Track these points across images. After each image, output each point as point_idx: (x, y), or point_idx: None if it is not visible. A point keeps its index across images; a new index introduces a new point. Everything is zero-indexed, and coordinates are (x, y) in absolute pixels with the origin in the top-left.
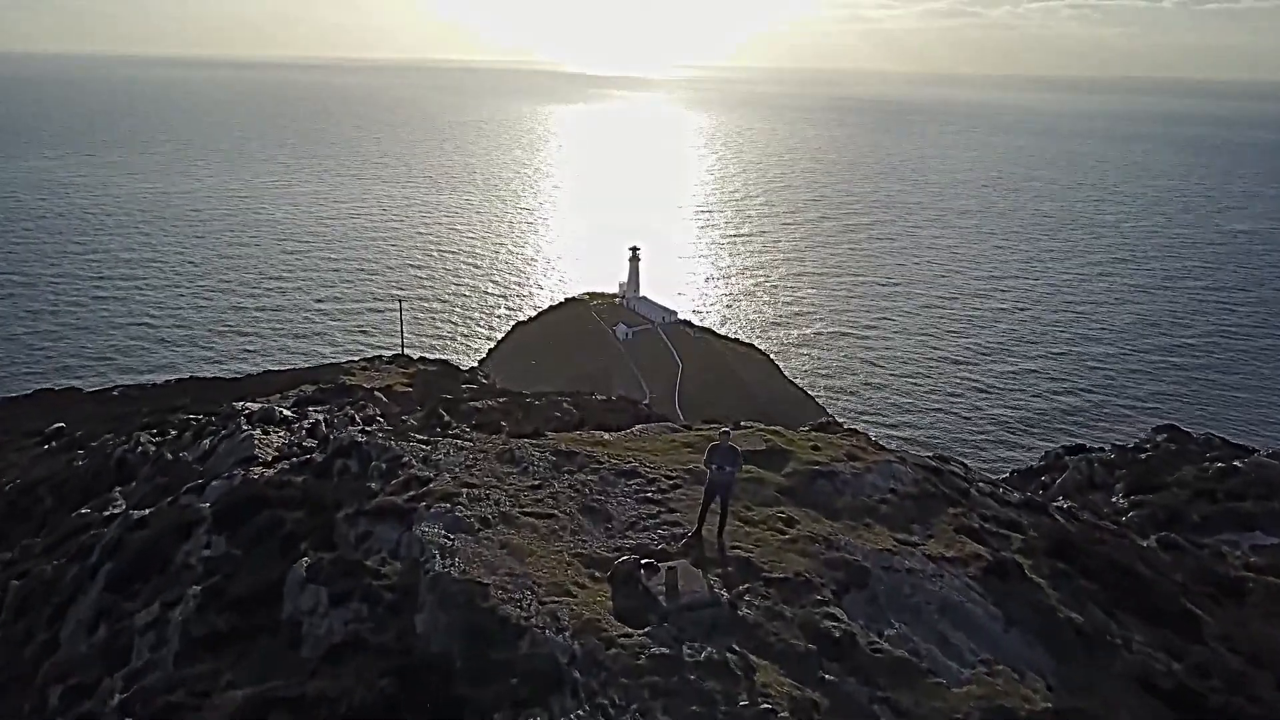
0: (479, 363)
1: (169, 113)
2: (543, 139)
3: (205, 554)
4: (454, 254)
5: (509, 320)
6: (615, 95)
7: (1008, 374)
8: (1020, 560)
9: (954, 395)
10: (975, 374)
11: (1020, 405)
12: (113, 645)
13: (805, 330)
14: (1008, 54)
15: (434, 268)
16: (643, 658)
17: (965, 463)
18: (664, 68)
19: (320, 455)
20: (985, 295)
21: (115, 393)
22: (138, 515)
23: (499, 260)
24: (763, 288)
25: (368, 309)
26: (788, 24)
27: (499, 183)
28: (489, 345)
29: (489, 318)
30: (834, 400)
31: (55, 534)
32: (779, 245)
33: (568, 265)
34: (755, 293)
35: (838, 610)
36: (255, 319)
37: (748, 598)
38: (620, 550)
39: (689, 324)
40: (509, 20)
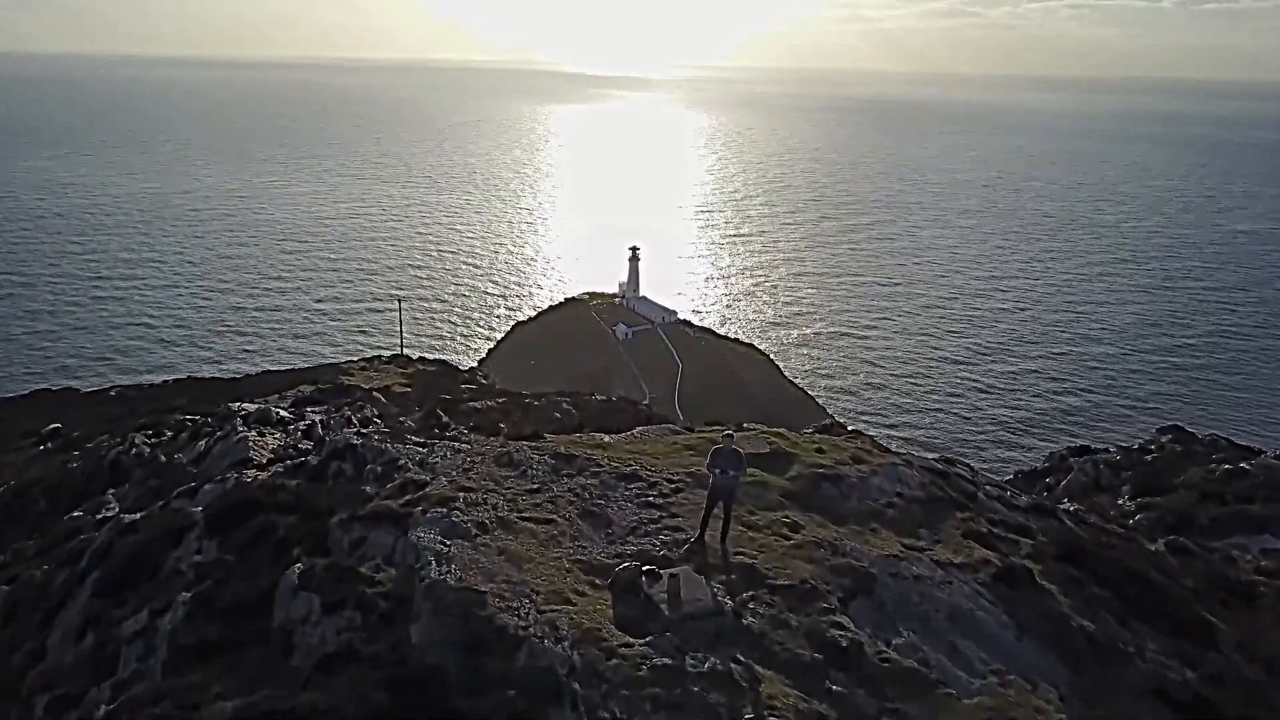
0: (478, 363)
1: (169, 113)
2: (543, 139)
3: (196, 559)
4: (453, 254)
5: (508, 320)
6: (615, 95)
7: (1008, 374)
8: (1030, 566)
9: (954, 395)
10: (975, 374)
11: (1020, 405)
12: (100, 654)
13: (805, 330)
14: (1008, 54)
15: (433, 268)
16: (644, 669)
17: (971, 465)
18: (664, 68)
19: (315, 458)
20: (985, 295)
21: (112, 393)
22: (128, 519)
23: (498, 260)
24: (763, 288)
25: (367, 309)
26: (788, 24)
27: (499, 183)
28: (488, 345)
29: (488, 318)
30: (834, 400)
31: (47, 538)
32: (779, 245)
33: (567, 265)
34: (755, 293)
35: (844, 618)
36: (254, 319)
37: (752, 606)
38: (621, 556)
39: (689, 324)
40: (509, 20)
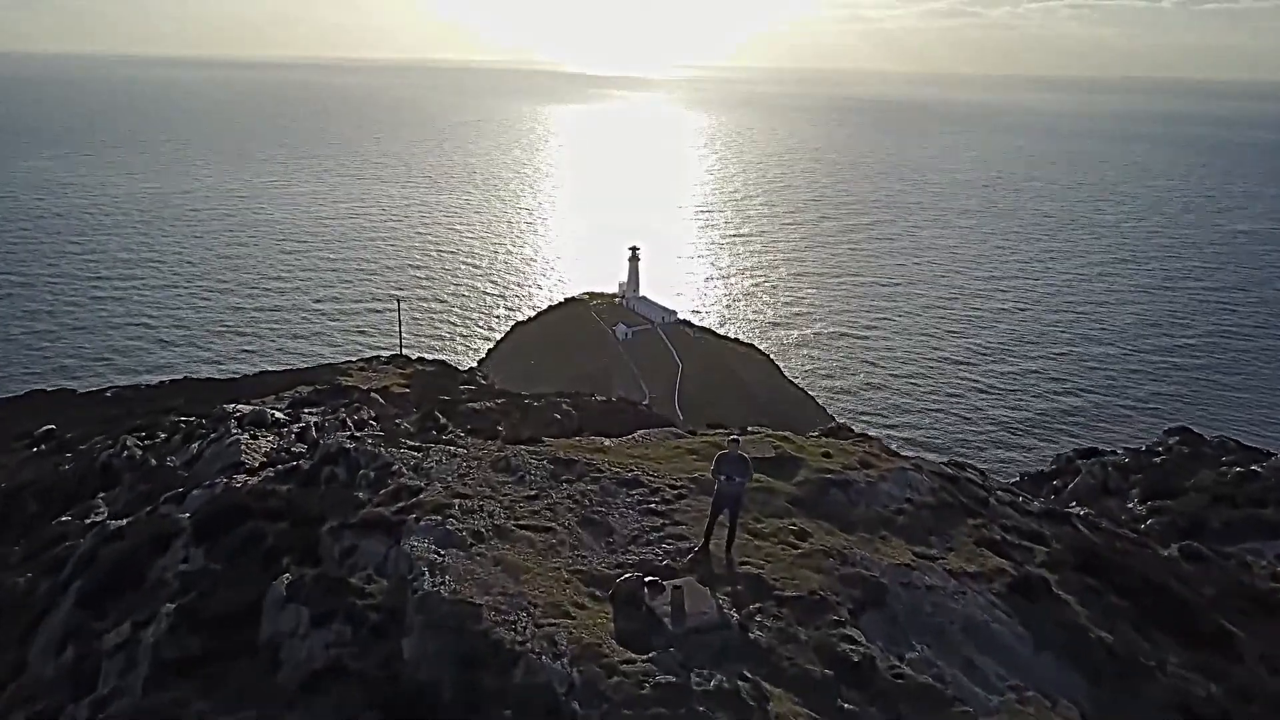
0: (478, 363)
1: (169, 113)
2: (543, 139)
3: (182, 568)
4: (453, 254)
5: (508, 320)
6: (615, 95)
7: (1008, 374)
8: (1046, 575)
9: (954, 395)
10: (975, 374)
11: (1021, 406)
12: (80, 668)
13: (805, 330)
14: (1008, 54)
15: (433, 268)
16: (647, 687)
17: (979, 468)
18: (664, 68)
19: (307, 462)
20: (985, 295)
21: (108, 394)
22: (114, 526)
23: (498, 260)
24: (763, 288)
25: (366, 309)
26: (788, 24)
27: (499, 183)
28: (488, 345)
29: (488, 318)
30: (834, 400)
31: (34, 543)
32: (779, 245)
33: (567, 265)
34: (755, 293)
35: (855, 631)
36: (254, 319)
37: (759, 618)
38: (622, 567)
39: (689, 324)
40: (509, 20)
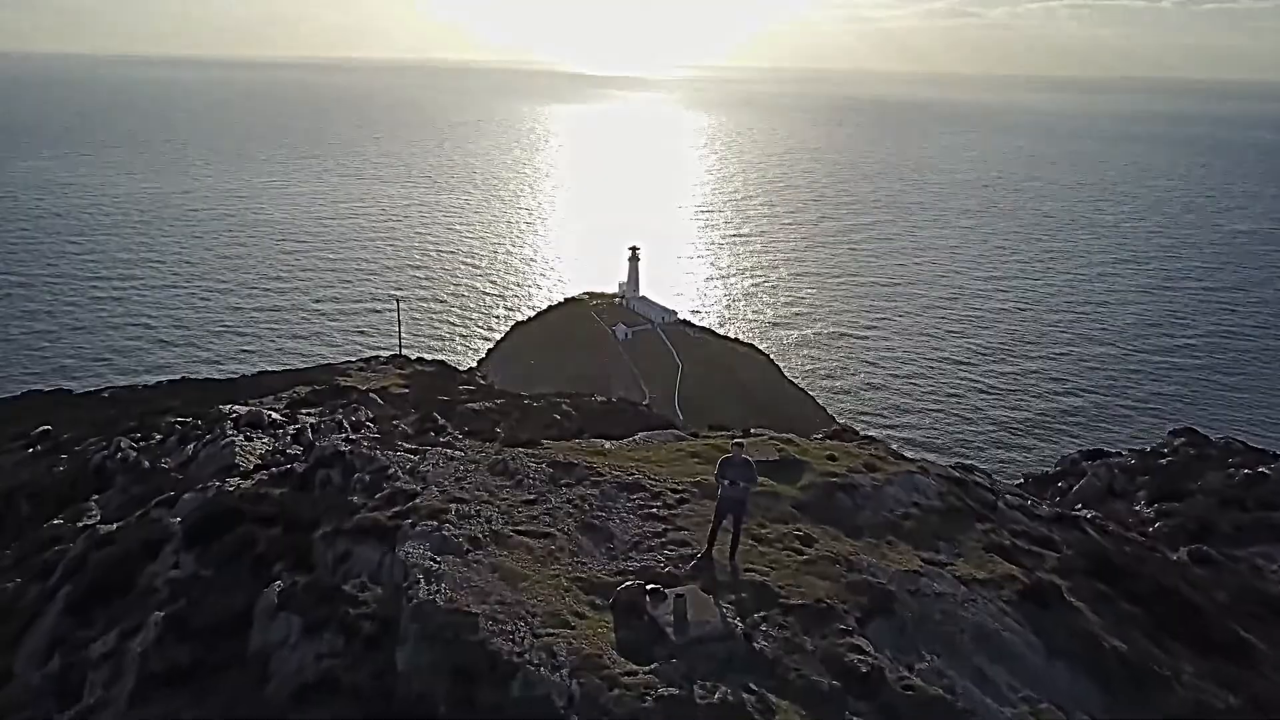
0: (477, 363)
1: (169, 113)
2: (542, 139)
3: (172, 574)
4: (452, 254)
5: (508, 320)
6: (614, 95)
7: (1008, 375)
8: (1058, 582)
9: (954, 396)
10: (976, 374)
11: (1021, 406)
12: (66, 678)
13: (805, 330)
14: (1007, 54)
15: (432, 268)
16: (649, 699)
17: (988, 472)
18: (663, 68)
19: (302, 465)
20: (985, 295)
21: (106, 394)
22: (105, 530)
23: (498, 260)
24: (763, 288)
25: (366, 309)
26: (788, 24)
27: (498, 183)
28: (487, 345)
29: (488, 318)
30: (834, 400)
31: (25, 547)
32: (779, 245)
33: (567, 265)
34: (755, 293)
35: (863, 640)
36: (253, 319)
37: (764, 628)
38: (623, 574)
39: (689, 324)
40: (508, 20)
